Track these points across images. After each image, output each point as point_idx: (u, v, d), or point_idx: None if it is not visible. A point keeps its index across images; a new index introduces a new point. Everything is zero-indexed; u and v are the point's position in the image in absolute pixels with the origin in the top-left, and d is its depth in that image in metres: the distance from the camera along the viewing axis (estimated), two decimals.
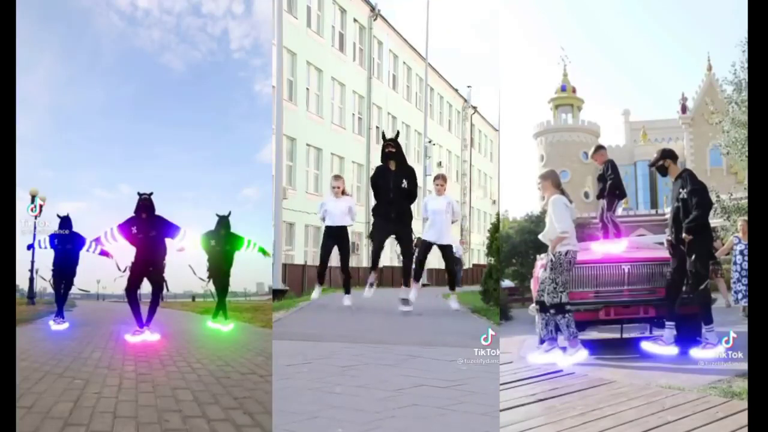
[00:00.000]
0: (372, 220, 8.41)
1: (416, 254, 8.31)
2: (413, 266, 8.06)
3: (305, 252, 18.98)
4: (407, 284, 8.02)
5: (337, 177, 8.69)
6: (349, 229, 8.62)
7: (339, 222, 8.30)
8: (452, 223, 8.32)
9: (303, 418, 3.10)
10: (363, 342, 5.62)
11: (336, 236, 8.35)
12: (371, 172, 9.08)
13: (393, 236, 8.15)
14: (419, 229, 8.70)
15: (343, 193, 8.38)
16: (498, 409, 3.46)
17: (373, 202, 8.34)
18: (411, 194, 8.03)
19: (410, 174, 8.03)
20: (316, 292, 8.69)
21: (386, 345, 5.48)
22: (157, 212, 7.06)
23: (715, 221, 12.83)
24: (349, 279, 8.44)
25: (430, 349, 5.24)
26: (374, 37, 22.72)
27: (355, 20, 21.86)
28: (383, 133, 8.44)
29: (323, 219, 8.49)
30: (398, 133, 8.65)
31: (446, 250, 8.31)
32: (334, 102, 20.74)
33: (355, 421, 3.06)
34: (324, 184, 19.83)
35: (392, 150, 7.96)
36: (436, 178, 8.47)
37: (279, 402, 3.43)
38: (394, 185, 7.86)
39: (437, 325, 7.25)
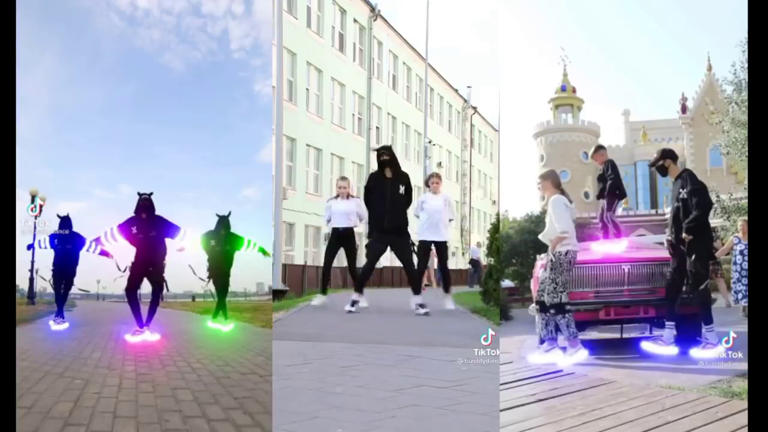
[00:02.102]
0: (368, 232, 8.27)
1: (418, 260, 8.23)
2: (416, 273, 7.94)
3: (305, 252, 18.99)
4: (417, 291, 7.78)
5: (343, 178, 8.67)
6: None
7: (345, 224, 8.31)
8: (449, 221, 8.30)
9: (303, 418, 3.10)
10: (363, 342, 5.62)
11: (342, 238, 8.34)
12: (371, 172, 9.05)
13: (389, 246, 7.97)
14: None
15: (349, 195, 8.38)
16: (498, 409, 3.46)
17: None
18: (408, 200, 7.91)
19: (406, 180, 7.91)
20: (318, 300, 8.45)
21: (387, 345, 5.48)
22: (157, 212, 7.06)
23: (715, 221, 12.83)
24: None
25: (430, 350, 5.24)
26: (374, 38, 22.73)
27: (355, 20, 21.87)
28: (376, 148, 8.44)
29: (329, 221, 8.47)
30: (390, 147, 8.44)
31: (442, 248, 8.26)
32: (334, 102, 20.75)
33: (356, 421, 3.06)
34: (324, 184, 19.83)
35: (386, 158, 7.84)
36: (431, 176, 8.47)
37: (279, 402, 3.43)
38: (390, 192, 7.74)
39: (437, 325, 7.24)
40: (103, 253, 7.67)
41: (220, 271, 7.89)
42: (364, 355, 4.91)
